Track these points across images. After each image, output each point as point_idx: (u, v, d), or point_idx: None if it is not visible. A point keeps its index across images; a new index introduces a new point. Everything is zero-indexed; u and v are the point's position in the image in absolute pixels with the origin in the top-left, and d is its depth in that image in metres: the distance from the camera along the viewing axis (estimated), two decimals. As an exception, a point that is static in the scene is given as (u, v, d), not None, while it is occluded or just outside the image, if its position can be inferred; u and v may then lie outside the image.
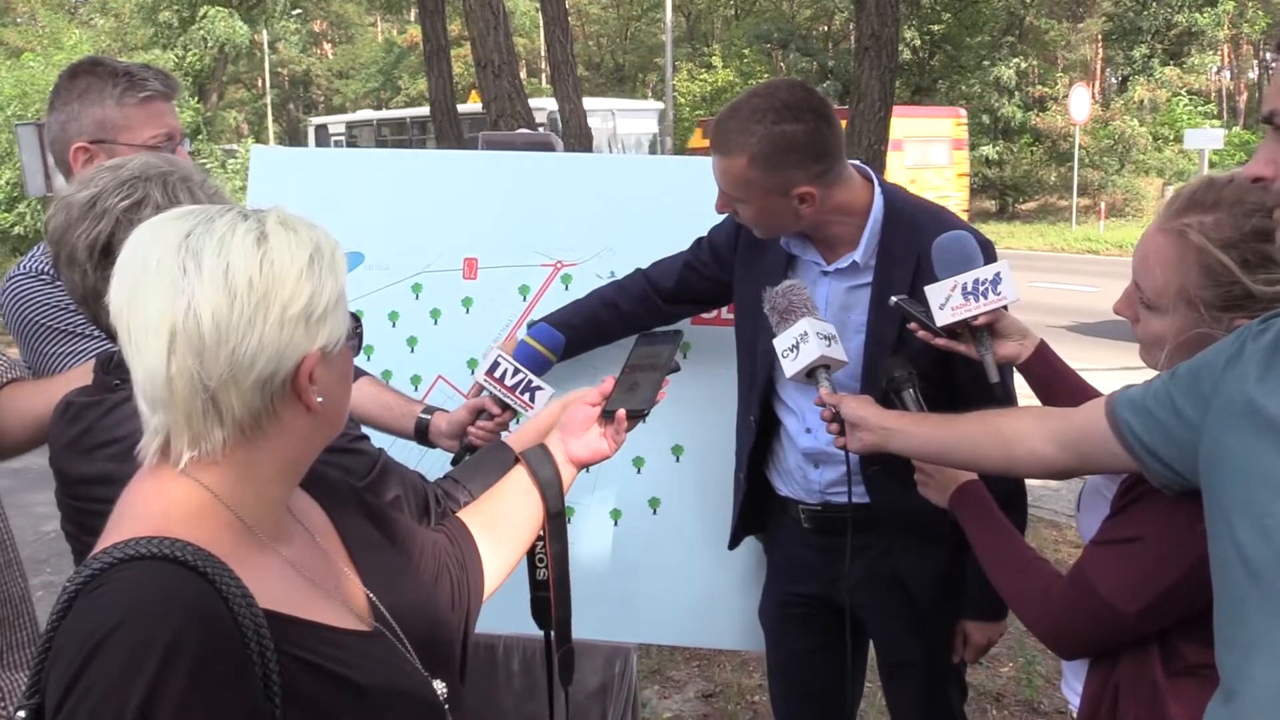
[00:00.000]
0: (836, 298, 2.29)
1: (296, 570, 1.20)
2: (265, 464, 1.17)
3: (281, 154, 3.07)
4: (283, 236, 1.15)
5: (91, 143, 2.17)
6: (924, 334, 2.07)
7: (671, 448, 2.76)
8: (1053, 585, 1.69)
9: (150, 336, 1.10)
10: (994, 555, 1.84)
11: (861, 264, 2.25)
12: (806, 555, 2.45)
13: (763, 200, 2.14)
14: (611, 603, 2.78)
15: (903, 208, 2.27)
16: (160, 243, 1.12)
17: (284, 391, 1.15)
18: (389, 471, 1.71)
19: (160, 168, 1.58)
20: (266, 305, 1.11)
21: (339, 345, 1.20)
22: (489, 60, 8.39)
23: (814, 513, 2.41)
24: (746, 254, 2.41)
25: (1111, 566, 1.58)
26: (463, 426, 2.30)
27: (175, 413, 1.12)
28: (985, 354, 2.01)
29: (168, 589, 1.03)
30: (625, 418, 1.65)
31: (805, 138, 2.10)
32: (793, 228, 2.23)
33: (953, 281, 2.01)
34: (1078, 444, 1.64)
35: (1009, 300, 1.99)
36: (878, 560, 2.38)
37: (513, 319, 2.78)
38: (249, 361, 1.11)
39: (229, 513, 1.15)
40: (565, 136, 9.24)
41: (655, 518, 2.78)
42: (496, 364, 2.25)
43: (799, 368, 2.06)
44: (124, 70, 2.22)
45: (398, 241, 2.81)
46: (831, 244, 2.28)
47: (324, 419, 1.21)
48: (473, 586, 1.51)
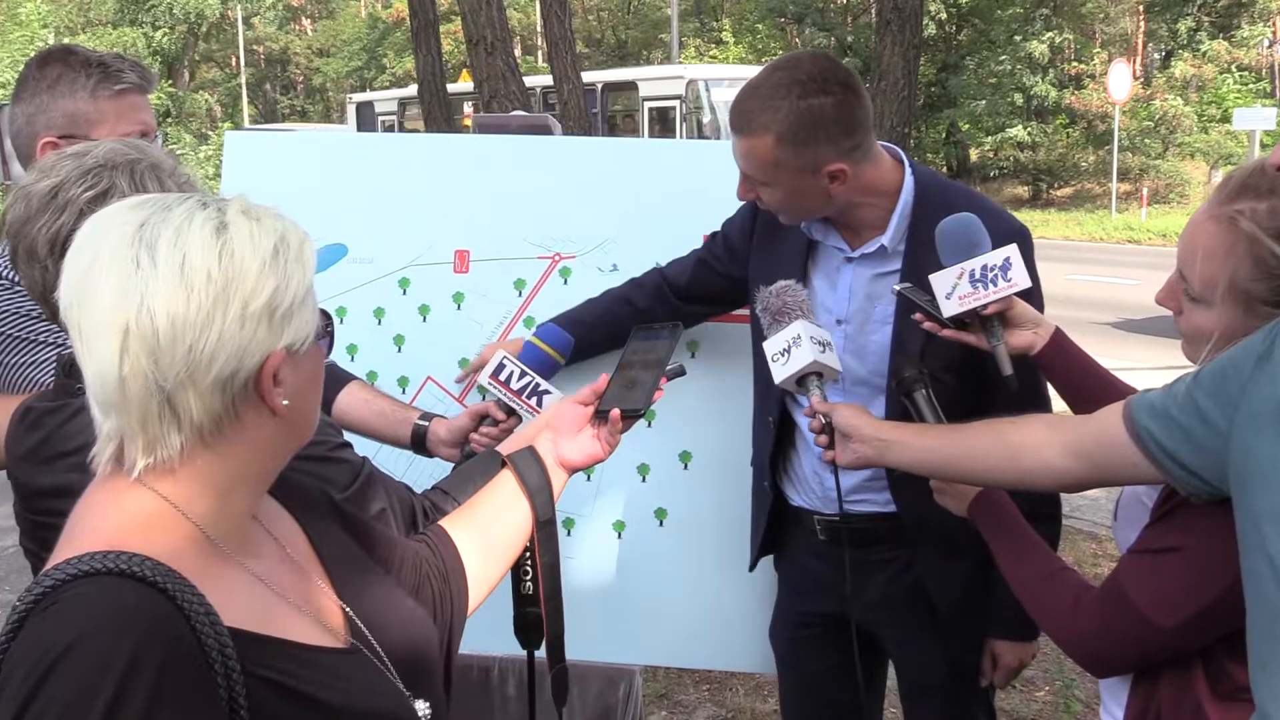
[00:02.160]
0: (861, 286, 2.28)
1: (265, 584, 1.20)
2: (228, 471, 1.17)
3: (258, 139, 3.07)
4: (245, 226, 1.14)
5: (61, 137, 2.17)
6: (930, 325, 2.07)
7: (679, 454, 2.76)
8: (1083, 596, 1.68)
9: (101, 335, 1.10)
10: (1018, 567, 1.83)
11: (890, 248, 2.24)
12: (821, 570, 2.44)
13: (792, 181, 2.14)
14: (614, 621, 2.78)
15: (936, 190, 2.27)
16: (112, 234, 1.12)
17: (246, 393, 1.15)
18: (373, 482, 1.72)
19: (127, 155, 1.58)
20: (226, 300, 1.11)
21: (307, 344, 1.20)
22: (481, 37, 8.40)
23: (831, 524, 2.40)
24: (764, 243, 2.41)
25: (1148, 577, 1.58)
26: (464, 434, 2.30)
27: (129, 416, 1.11)
28: (996, 345, 2.01)
29: (124, 606, 1.03)
30: (620, 418, 1.65)
31: (834, 111, 2.10)
32: (822, 211, 2.23)
33: (959, 268, 2.01)
34: (1094, 454, 1.64)
35: (1020, 287, 1.99)
36: (900, 575, 2.37)
37: (508, 316, 2.78)
38: (207, 360, 1.10)
39: (189, 524, 1.14)
40: (563, 118, 9.25)
41: (662, 530, 2.78)
42: (502, 366, 2.25)
43: (789, 374, 2.05)
44: (98, 60, 2.22)
45: (383, 232, 2.81)
46: (856, 228, 2.27)
47: (291, 424, 1.21)
48: (456, 599, 1.51)
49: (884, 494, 2.32)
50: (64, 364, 1.60)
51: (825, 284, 2.34)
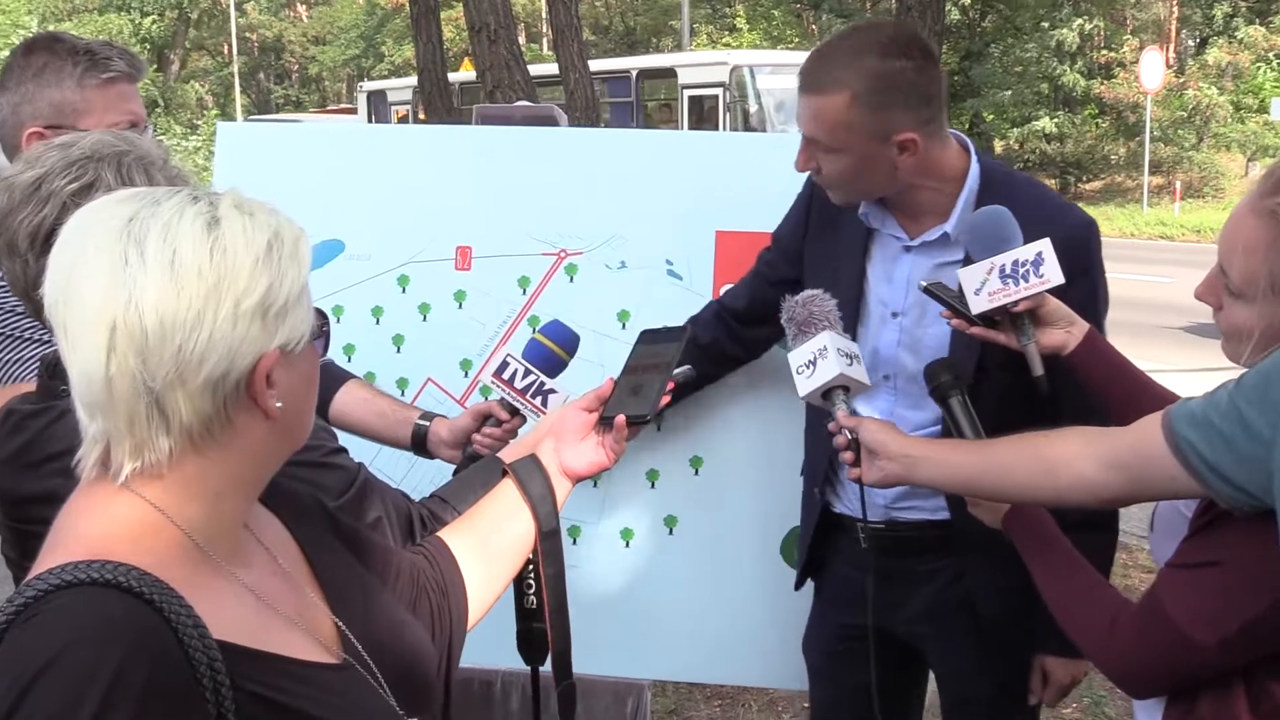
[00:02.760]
0: (921, 276, 2.24)
1: (255, 596, 1.20)
2: (218, 477, 1.17)
3: (251, 130, 3.08)
4: (237, 221, 1.14)
5: (47, 127, 2.18)
6: (958, 322, 2.07)
7: (690, 459, 2.76)
8: (1120, 614, 1.67)
9: (87, 333, 1.10)
10: (1053, 583, 1.83)
11: (954, 236, 2.22)
12: (862, 580, 2.39)
13: (860, 148, 2.12)
14: (622, 634, 2.78)
15: (1001, 178, 2.27)
16: (99, 229, 1.12)
17: (238, 395, 1.15)
18: (369, 490, 1.71)
19: (115, 147, 1.59)
20: (218, 298, 1.11)
21: (301, 344, 1.20)
22: (484, 24, 8.40)
23: (876, 532, 2.37)
24: (819, 235, 2.39)
25: (1188, 592, 1.57)
26: (466, 434, 2.30)
27: (115, 418, 1.11)
28: (1027, 344, 2.01)
29: (109, 618, 1.03)
30: (625, 424, 1.65)
31: (914, 76, 2.10)
32: (883, 188, 2.21)
33: (989, 263, 2.00)
34: (1132, 466, 1.63)
35: (1053, 283, 1.98)
36: (948, 586, 2.35)
37: (511, 315, 2.78)
38: (198, 360, 1.10)
39: (178, 532, 1.14)
40: (570, 108, 9.25)
41: (671, 538, 2.78)
42: (505, 364, 2.25)
43: (813, 387, 2.04)
44: (85, 48, 2.23)
45: (382, 228, 2.82)
46: (916, 214, 2.26)
47: (285, 427, 1.21)
48: (455, 613, 1.51)
49: (934, 500, 2.30)
50: (48, 364, 1.60)
51: (881, 275, 2.32)
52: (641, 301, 2.76)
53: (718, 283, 2.76)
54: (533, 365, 2.26)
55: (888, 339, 2.30)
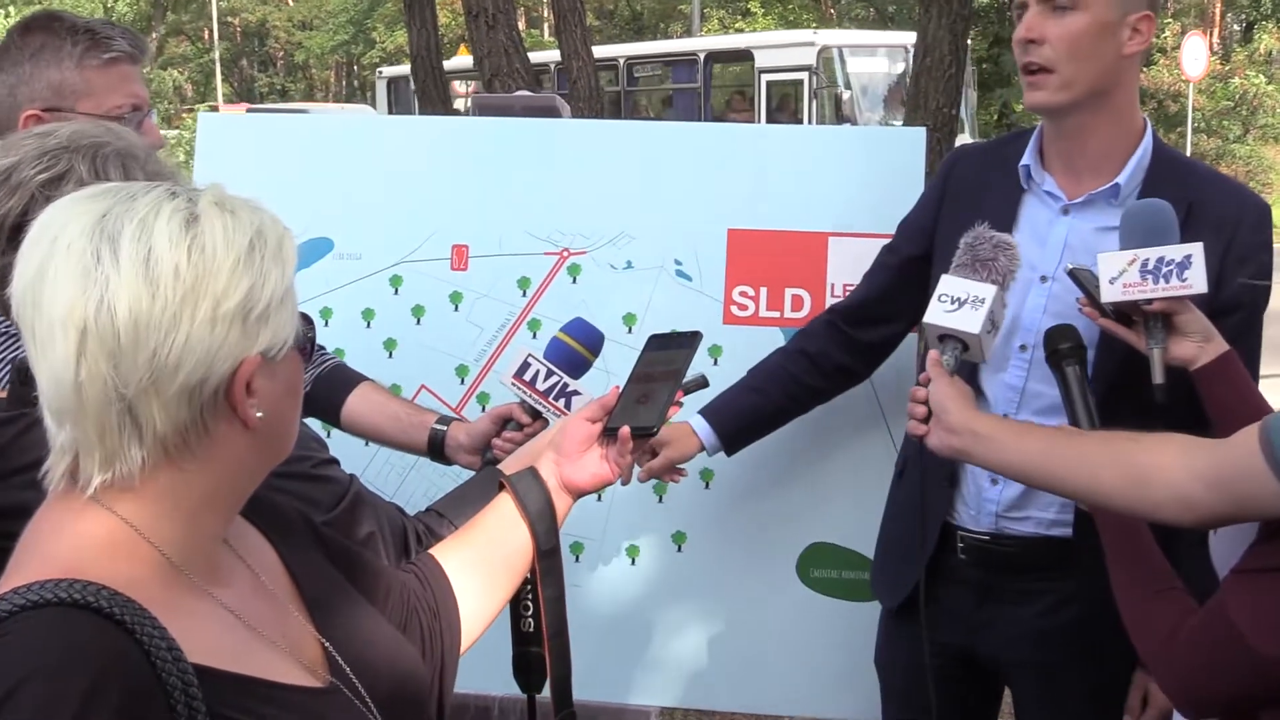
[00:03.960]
0: (1079, 241, 2.23)
1: (235, 616, 1.20)
2: (194, 490, 1.17)
3: (234, 122, 3.10)
4: (218, 219, 1.15)
5: (45, 110, 2.19)
6: (1090, 310, 2.07)
7: (700, 471, 2.76)
8: (1186, 620, 1.65)
9: (56, 335, 1.10)
10: (1127, 578, 1.80)
11: (1122, 194, 2.21)
12: (953, 596, 2.37)
13: (1106, 10, 2.13)
14: (627, 658, 2.78)
15: (1174, 152, 2.31)
16: (71, 225, 1.12)
17: (216, 403, 1.15)
18: (361, 503, 1.72)
19: (93, 138, 1.59)
20: (195, 299, 1.11)
21: (284, 350, 1.20)
22: (481, 8, 8.40)
23: (978, 544, 2.33)
24: (961, 197, 2.36)
25: (1256, 599, 1.55)
26: (486, 439, 2.30)
27: (85, 426, 1.12)
28: (1154, 349, 1.99)
29: (78, 641, 1.03)
30: (630, 436, 1.64)
31: None
32: (1100, 78, 2.18)
33: (1133, 254, 1.99)
34: (1231, 483, 1.59)
35: (1194, 291, 1.96)
36: (1053, 610, 2.29)
37: (511, 317, 2.79)
38: (173, 366, 1.10)
39: (151, 549, 1.15)
40: (573, 98, 9.25)
41: (680, 555, 2.79)
42: (526, 365, 2.26)
43: (943, 323, 2.01)
44: (85, 27, 2.24)
45: (373, 225, 2.83)
46: (1079, 169, 2.25)
47: (266, 438, 1.21)
48: (448, 636, 1.51)
49: (1052, 513, 2.25)
50: (19, 370, 1.61)
51: (1031, 238, 2.27)
52: (649, 304, 2.77)
53: (730, 284, 2.77)
54: (555, 366, 2.25)
55: (1033, 304, 2.26)
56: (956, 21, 7.18)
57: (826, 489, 2.76)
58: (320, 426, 2.46)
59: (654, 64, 20.85)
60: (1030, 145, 2.30)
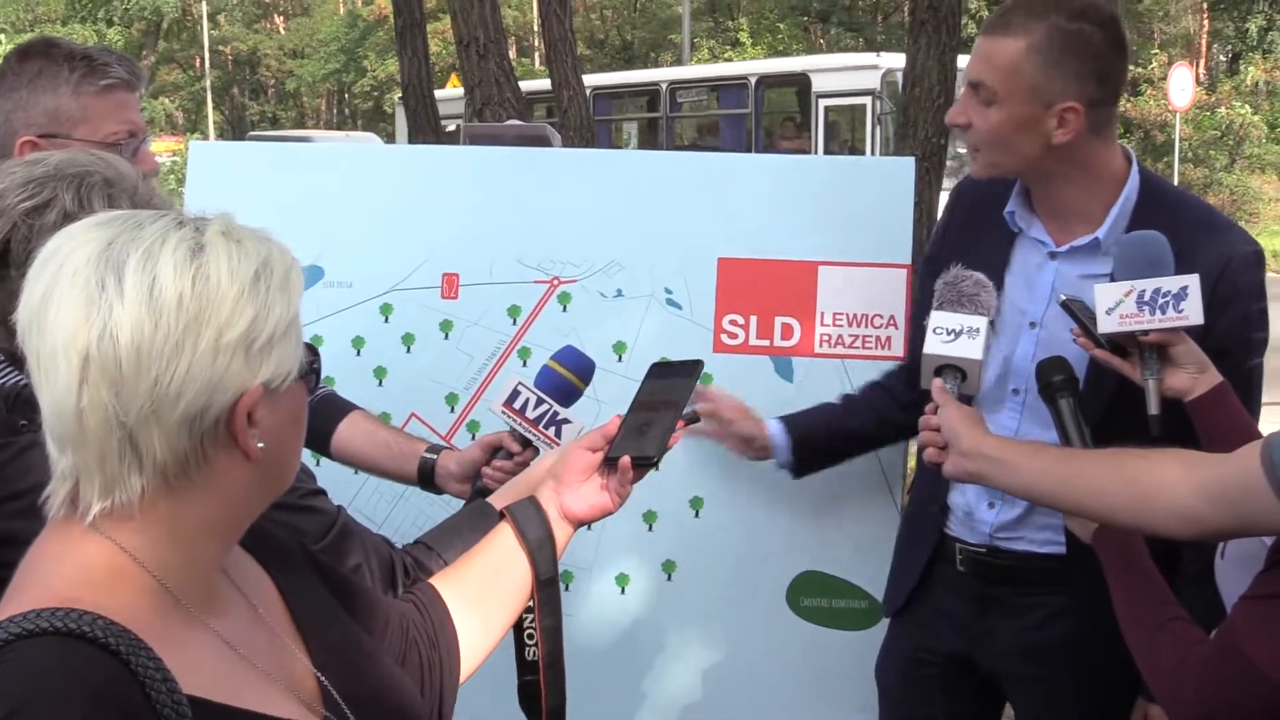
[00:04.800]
0: (1065, 286, 2.24)
1: (231, 648, 1.20)
2: (193, 520, 1.16)
3: (225, 150, 3.10)
4: (223, 248, 1.15)
5: (41, 136, 2.19)
6: (1084, 341, 2.08)
7: (690, 500, 2.76)
8: (1194, 651, 1.65)
9: (59, 361, 1.10)
10: (1132, 610, 1.80)
11: (1104, 245, 2.23)
12: (952, 605, 2.40)
13: (1021, 106, 2.15)
14: (619, 687, 2.77)
15: (1163, 193, 2.29)
16: (78, 252, 1.13)
17: (217, 433, 1.14)
18: (348, 535, 1.72)
19: (80, 166, 1.60)
20: (198, 328, 1.11)
21: (288, 381, 1.20)
22: (473, 37, 8.44)
23: (975, 556, 2.36)
24: (960, 233, 2.42)
25: (1265, 625, 1.54)
26: (476, 467, 2.30)
27: (86, 453, 1.12)
28: (1149, 379, 2.01)
29: (71, 671, 1.03)
30: (631, 466, 1.64)
31: (1098, 49, 2.15)
32: (1028, 163, 2.21)
33: (1129, 285, 2.01)
34: (1234, 499, 1.60)
35: (1190, 322, 1.98)
36: (1049, 622, 2.32)
37: (500, 346, 2.79)
38: (174, 394, 1.10)
39: (149, 578, 1.14)
40: (564, 127, 9.29)
41: (670, 584, 2.78)
42: (516, 393, 2.25)
43: (948, 353, 2.05)
44: (83, 54, 2.24)
45: (363, 254, 2.84)
46: (1064, 217, 2.27)
47: (268, 469, 1.21)
48: (446, 667, 1.51)
49: (1043, 533, 2.28)
50: (7, 397, 1.60)
51: (1021, 282, 2.32)
52: (639, 332, 2.78)
53: (720, 312, 2.78)
54: (546, 394, 2.25)
55: (1023, 350, 2.29)
56: (945, 51, 7.22)
57: (816, 517, 2.76)
58: (310, 455, 2.45)
59: (700, 89, 20.09)
60: (1015, 191, 2.33)
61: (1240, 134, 26.52)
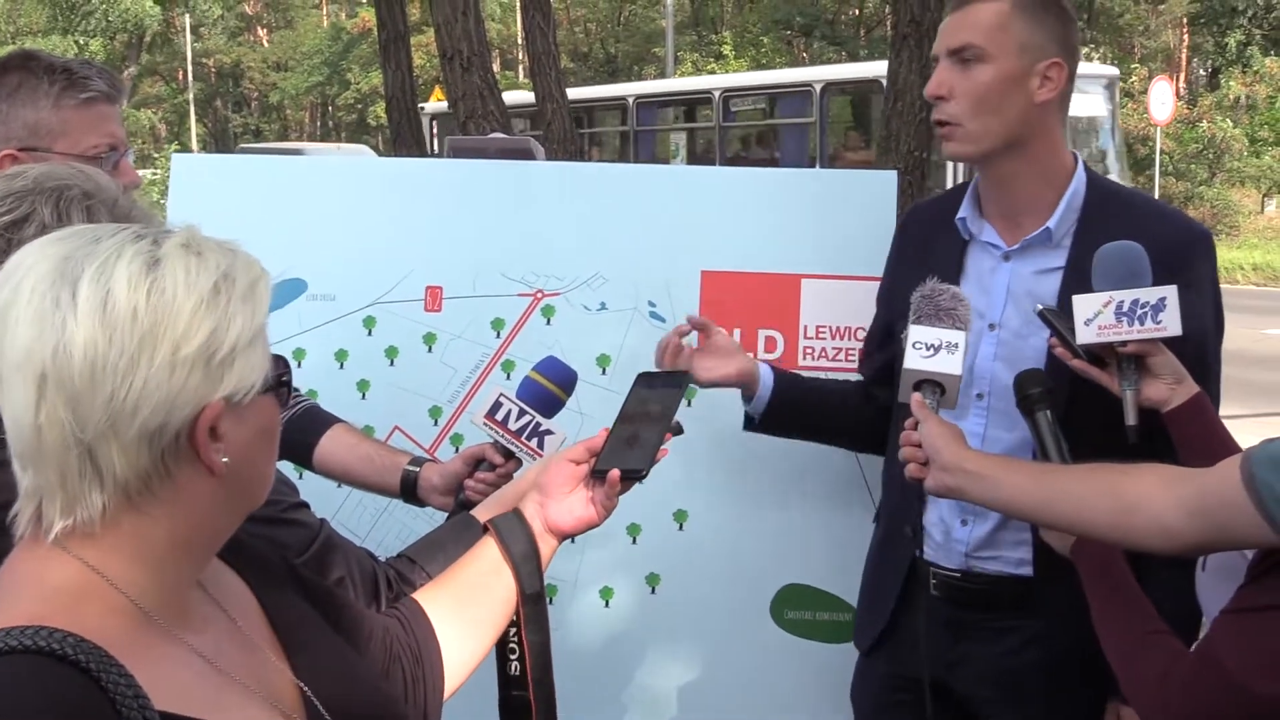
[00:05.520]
0: (1020, 285, 2.28)
1: (207, 662, 1.19)
2: (161, 536, 1.16)
3: (208, 162, 3.10)
4: (181, 261, 1.14)
5: (21, 150, 2.18)
6: (1062, 351, 2.09)
7: (674, 513, 2.76)
8: (1176, 664, 1.65)
9: (17, 378, 1.09)
10: (1111, 623, 1.80)
11: (1055, 236, 2.26)
12: (926, 629, 2.35)
13: (1008, 62, 2.18)
14: (602, 701, 2.77)
15: (1110, 185, 2.35)
16: (36, 268, 1.12)
17: (178, 448, 1.13)
18: (331, 548, 1.71)
19: (60, 180, 1.59)
20: (154, 342, 1.10)
21: (251, 394, 1.18)
22: (456, 50, 8.45)
23: (949, 580, 2.34)
24: (910, 254, 2.44)
25: (1248, 638, 1.54)
26: (459, 479, 2.30)
27: (47, 470, 1.11)
28: (1127, 390, 2.02)
29: (42, 689, 1.02)
30: (619, 479, 1.63)
31: (1066, 12, 2.24)
32: (1008, 127, 2.22)
33: (1108, 295, 2.02)
34: (1213, 512, 1.61)
35: (1169, 333, 2.00)
36: (1021, 648, 2.31)
37: (484, 359, 2.79)
38: (131, 409, 1.09)
39: (119, 595, 1.13)
40: (548, 140, 9.30)
41: (654, 597, 2.78)
42: (498, 404, 2.25)
43: (930, 368, 2.05)
44: (63, 67, 2.24)
45: (347, 267, 2.83)
46: (1015, 214, 2.30)
47: (235, 484, 1.20)
48: (430, 683, 1.50)
49: (1020, 550, 2.28)
50: None
51: (976, 288, 2.32)
52: (622, 345, 2.78)
53: (703, 325, 2.78)
54: (528, 405, 2.24)
55: (984, 352, 2.30)
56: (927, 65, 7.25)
57: (800, 531, 2.76)
58: (292, 469, 2.45)
59: (756, 96, 18.55)
60: (967, 197, 2.36)
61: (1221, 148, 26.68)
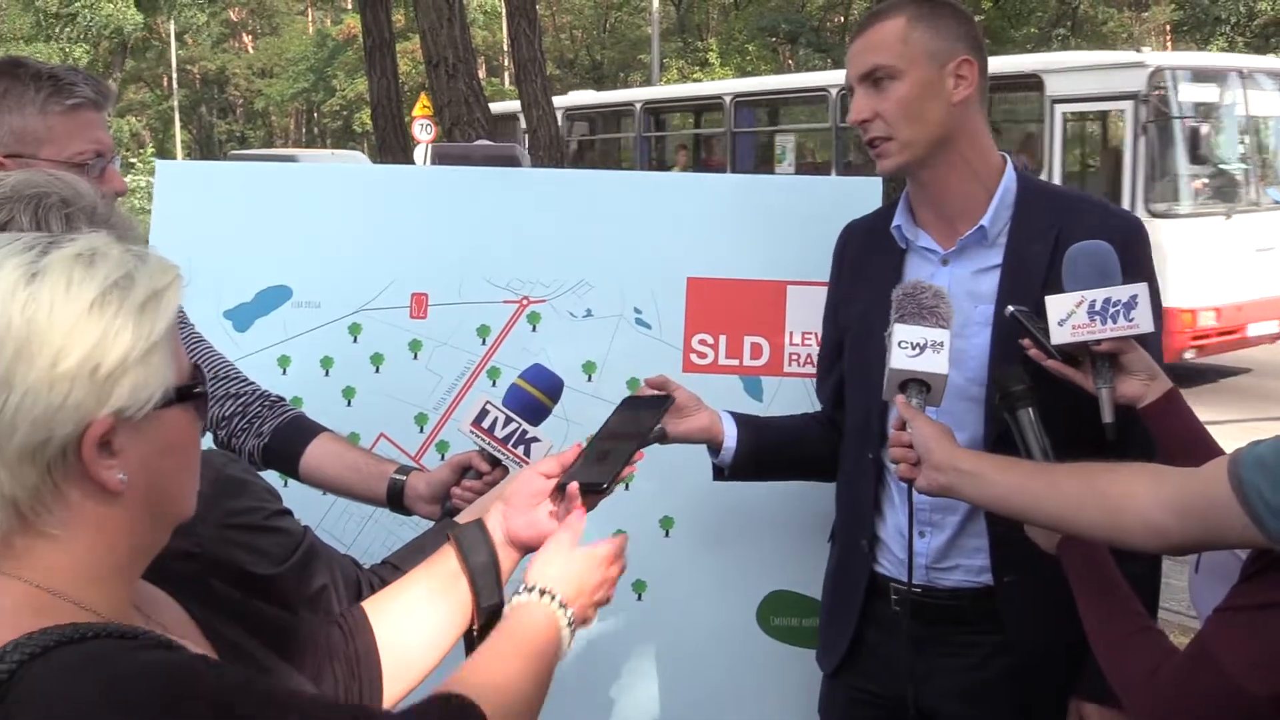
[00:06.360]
0: (961, 287, 2.28)
1: None
2: (72, 559, 1.13)
3: (192, 169, 3.09)
4: (64, 271, 1.11)
5: (7, 156, 2.18)
6: (1036, 352, 2.11)
7: (660, 520, 2.76)
8: (1165, 664, 1.65)
9: None
10: (1100, 620, 1.80)
11: (990, 234, 2.28)
12: (889, 648, 2.37)
13: (921, 71, 2.22)
14: (587, 707, 2.77)
15: (1039, 181, 2.41)
16: None
17: (67, 466, 1.10)
18: (314, 556, 1.70)
19: (37, 187, 1.58)
20: (30, 356, 1.07)
21: (148, 408, 1.13)
22: (442, 57, 8.46)
23: (910, 596, 2.28)
24: (855, 269, 2.45)
25: (1241, 637, 1.54)
26: (446, 488, 2.29)
27: None
28: (1102, 388, 2.04)
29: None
30: (579, 493, 1.62)
31: (962, 15, 2.30)
32: (933, 132, 2.25)
33: (1080, 295, 2.04)
34: (1202, 512, 1.61)
35: (1141, 330, 2.02)
36: (986, 661, 2.31)
37: (470, 365, 2.79)
38: (9, 427, 1.07)
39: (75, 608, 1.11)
40: (533, 147, 9.31)
41: (640, 604, 2.78)
42: (485, 412, 2.25)
43: (916, 367, 2.05)
44: (49, 73, 2.23)
45: (332, 273, 2.83)
46: (949, 215, 2.32)
47: (144, 502, 1.16)
48: (367, 692, 1.48)
49: (976, 559, 2.29)
50: None
51: None
52: (608, 352, 2.78)
53: (689, 332, 2.79)
54: (514, 412, 2.24)
55: None
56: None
57: (786, 537, 2.76)
58: (277, 477, 2.44)
59: None
60: (900, 206, 2.38)
61: (1204, 154, 26.73)
